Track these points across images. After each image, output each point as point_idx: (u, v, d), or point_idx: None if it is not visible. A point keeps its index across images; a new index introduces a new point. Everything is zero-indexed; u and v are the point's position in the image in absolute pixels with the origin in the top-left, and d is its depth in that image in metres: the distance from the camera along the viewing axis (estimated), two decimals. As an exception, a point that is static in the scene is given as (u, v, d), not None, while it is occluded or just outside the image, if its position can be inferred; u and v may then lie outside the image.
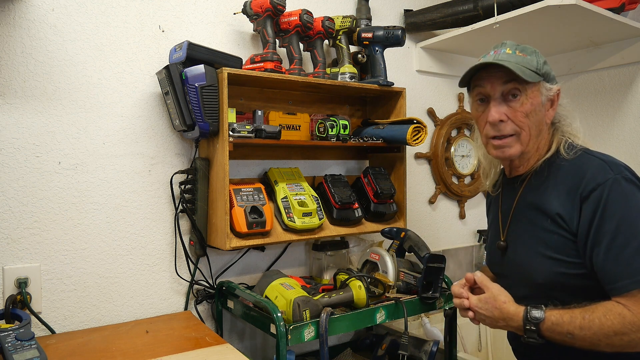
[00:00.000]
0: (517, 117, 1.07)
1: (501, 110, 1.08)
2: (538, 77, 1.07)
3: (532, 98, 1.07)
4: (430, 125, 2.21)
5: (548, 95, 1.10)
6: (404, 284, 1.46)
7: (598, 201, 0.98)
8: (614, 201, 0.97)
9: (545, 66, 1.10)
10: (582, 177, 1.02)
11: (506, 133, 1.09)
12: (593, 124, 2.22)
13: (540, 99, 1.08)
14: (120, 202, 1.42)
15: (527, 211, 1.13)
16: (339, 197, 1.60)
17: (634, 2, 1.80)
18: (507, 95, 1.08)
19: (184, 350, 1.17)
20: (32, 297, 1.28)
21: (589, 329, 0.95)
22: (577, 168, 1.05)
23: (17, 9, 1.27)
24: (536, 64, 1.08)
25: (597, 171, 1.01)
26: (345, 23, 1.68)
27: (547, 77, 1.09)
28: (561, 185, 1.06)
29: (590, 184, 1.00)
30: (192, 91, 1.35)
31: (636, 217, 0.96)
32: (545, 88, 1.09)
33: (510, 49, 1.10)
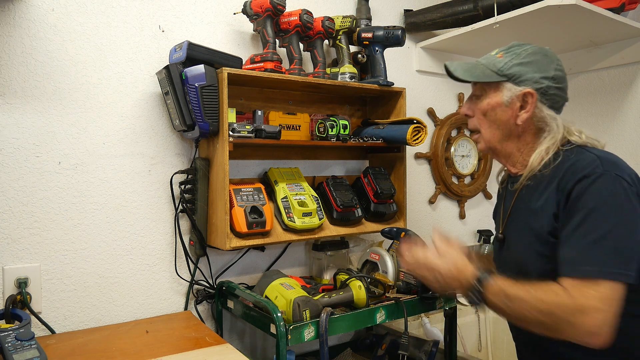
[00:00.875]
0: (476, 114, 1.17)
1: (468, 105, 1.19)
2: (494, 76, 1.11)
3: (490, 98, 1.13)
4: (430, 125, 2.21)
5: (511, 97, 1.10)
6: (404, 284, 1.46)
7: (578, 192, 0.98)
8: (592, 193, 0.97)
9: (518, 67, 1.09)
10: (572, 172, 1.02)
11: (470, 127, 1.20)
12: (593, 124, 2.22)
13: (501, 99, 1.11)
14: (120, 202, 1.42)
15: (524, 209, 1.14)
16: (340, 200, 1.60)
17: (634, 2, 1.80)
18: (474, 93, 1.18)
19: (184, 350, 1.17)
20: (32, 297, 1.28)
21: (527, 300, 0.95)
22: (570, 164, 1.04)
23: (17, 9, 1.27)
24: (502, 65, 1.11)
25: (587, 165, 1.00)
26: (345, 23, 1.68)
27: (513, 78, 1.09)
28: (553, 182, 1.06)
29: (577, 176, 1.00)
30: (192, 91, 1.35)
31: (606, 212, 0.95)
32: (508, 89, 1.10)
33: (499, 50, 1.16)
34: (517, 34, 1.90)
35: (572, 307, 0.90)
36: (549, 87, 1.09)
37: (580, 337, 0.90)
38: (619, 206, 0.95)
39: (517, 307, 0.96)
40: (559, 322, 0.92)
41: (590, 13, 1.67)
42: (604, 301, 0.90)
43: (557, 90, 1.10)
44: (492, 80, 1.11)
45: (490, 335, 2.27)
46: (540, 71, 1.09)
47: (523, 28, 1.83)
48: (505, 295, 0.98)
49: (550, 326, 0.93)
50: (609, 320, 0.89)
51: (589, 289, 0.91)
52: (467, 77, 1.14)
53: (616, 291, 0.91)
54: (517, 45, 1.14)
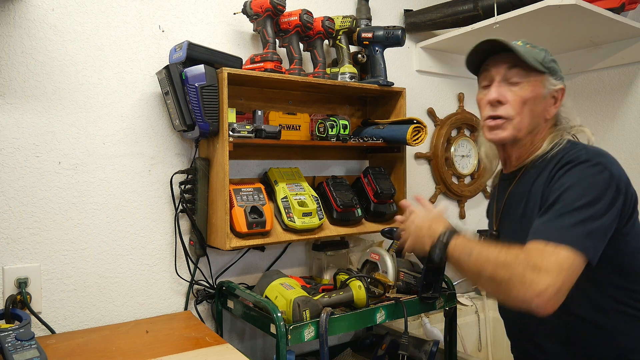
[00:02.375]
0: (515, 101, 1.08)
1: (501, 91, 1.10)
2: (543, 68, 1.09)
3: (534, 87, 1.08)
4: (430, 125, 2.21)
5: (551, 90, 1.10)
6: (404, 284, 1.46)
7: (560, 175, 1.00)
8: (571, 175, 0.98)
9: (553, 63, 1.11)
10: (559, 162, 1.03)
11: (501, 114, 1.10)
12: (593, 124, 2.22)
13: (542, 91, 1.09)
14: (120, 202, 1.42)
15: (517, 203, 1.15)
16: (340, 200, 1.60)
17: (634, 2, 1.80)
18: (510, 79, 1.10)
19: (184, 350, 1.17)
20: (32, 297, 1.28)
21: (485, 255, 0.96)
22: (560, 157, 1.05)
23: (17, 9, 1.27)
24: (543, 58, 1.10)
25: (572, 154, 1.02)
26: (345, 23, 1.68)
27: (552, 73, 1.11)
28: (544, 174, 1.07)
29: (560, 164, 1.02)
30: (192, 91, 1.35)
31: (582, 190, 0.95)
32: (550, 82, 1.10)
33: (522, 42, 1.13)
34: (517, 34, 1.89)
35: (527, 263, 0.89)
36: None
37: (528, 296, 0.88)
38: (595, 188, 0.95)
39: (474, 260, 0.97)
40: (510, 278, 0.90)
41: (590, 13, 1.67)
42: (560, 266, 0.88)
43: None
44: (541, 69, 1.09)
45: (490, 335, 2.27)
46: (561, 70, 1.14)
47: (523, 28, 1.83)
48: (467, 248, 1.00)
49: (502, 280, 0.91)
50: (559, 286, 0.87)
51: (548, 253, 0.90)
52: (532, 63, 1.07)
53: (574, 261, 0.89)
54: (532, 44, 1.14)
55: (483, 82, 1.16)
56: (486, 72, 1.14)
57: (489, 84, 1.14)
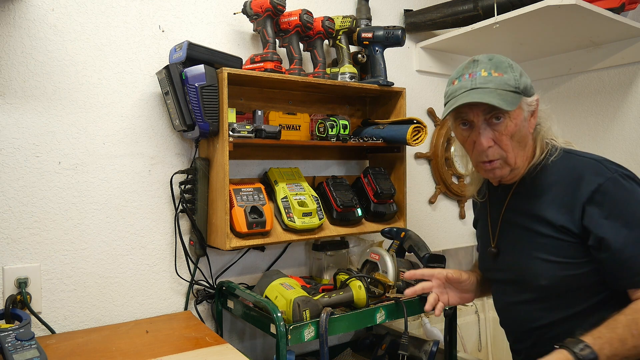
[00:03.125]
0: (503, 141, 1.06)
1: (487, 135, 1.06)
2: (518, 96, 1.03)
3: (516, 118, 1.05)
4: (430, 125, 2.21)
5: (529, 110, 1.08)
6: (404, 284, 1.46)
7: (602, 201, 0.99)
8: (619, 199, 0.98)
9: (523, 79, 1.05)
10: (579, 179, 1.02)
11: (495, 157, 1.08)
12: (593, 124, 2.22)
13: (523, 115, 1.06)
14: (120, 202, 1.42)
15: (519, 218, 1.13)
16: (340, 200, 1.60)
17: (634, 2, 1.80)
18: (490, 119, 1.06)
19: (184, 350, 1.17)
20: (32, 297, 1.28)
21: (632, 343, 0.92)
22: (569, 170, 1.04)
23: (17, 9, 1.27)
24: (514, 82, 1.04)
25: (594, 171, 1.01)
26: (345, 23, 1.68)
27: (526, 92, 1.06)
28: (555, 189, 1.05)
29: (591, 185, 1.00)
30: (192, 91, 1.35)
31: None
32: (526, 103, 1.07)
33: (485, 69, 1.06)
34: (517, 34, 1.90)
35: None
36: None
37: None
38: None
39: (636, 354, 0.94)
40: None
41: (590, 13, 1.67)
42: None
43: None
44: (519, 100, 1.04)
45: (490, 335, 2.27)
46: (527, 76, 1.08)
47: (523, 28, 1.83)
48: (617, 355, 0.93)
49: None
50: None
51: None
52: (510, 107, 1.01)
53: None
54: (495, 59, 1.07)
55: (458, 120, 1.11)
56: (462, 113, 1.08)
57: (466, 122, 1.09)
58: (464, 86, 1.06)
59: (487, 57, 1.08)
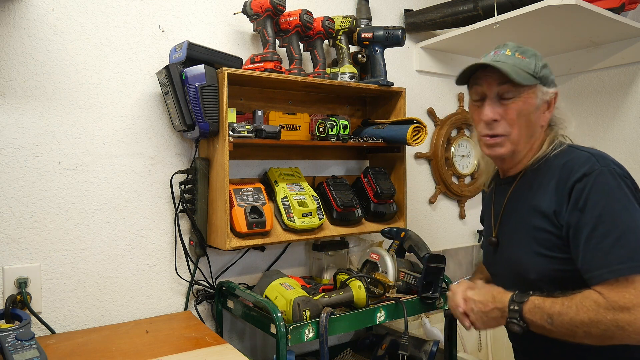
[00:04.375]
0: (509, 115, 1.09)
1: (495, 109, 1.10)
2: (534, 80, 1.08)
3: (526, 100, 1.08)
4: (430, 125, 2.21)
5: (544, 99, 1.10)
6: (404, 284, 1.46)
7: (581, 191, 0.99)
8: (597, 191, 0.97)
9: (544, 70, 1.10)
10: (569, 170, 1.03)
11: (498, 132, 1.11)
12: (593, 124, 2.22)
13: (535, 102, 1.09)
14: (120, 202, 1.42)
15: (517, 209, 1.14)
16: (340, 200, 1.60)
17: (634, 2, 1.80)
18: (502, 95, 1.09)
19: (184, 350, 1.17)
20: (32, 297, 1.28)
21: (566, 314, 0.95)
22: (564, 163, 1.05)
23: (17, 9, 1.27)
24: (534, 67, 1.08)
25: (584, 163, 1.01)
26: (345, 23, 1.68)
27: (544, 81, 1.09)
28: (550, 181, 1.06)
29: (576, 175, 1.00)
30: (192, 91, 1.35)
31: (618, 209, 0.96)
32: (542, 91, 1.09)
33: (511, 50, 1.11)
34: (517, 34, 1.90)
35: (614, 310, 0.90)
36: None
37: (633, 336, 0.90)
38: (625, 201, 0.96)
39: (559, 324, 0.96)
40: (606, 330, 0.91)
41: (590, 13, 1.67)
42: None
43: None
44: (532, 83, 1.07)
45: (490, 335, 2.27)
46: (552, 72, 1.12)
47: (523, 28, 1.83)
48: (545, 314, 0.98)
49: (599, 335, 0.93)
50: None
51: (625, 288, 0.91)
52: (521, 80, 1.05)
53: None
54: (523, 47, 1.12)
55: (474, 96, 1.16)
56: (477, 86, 1.13)
57: (480, 98, 1.13)
58: (486, 59, 1.12)
59: (516, 44, 1.13)
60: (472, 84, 1.16)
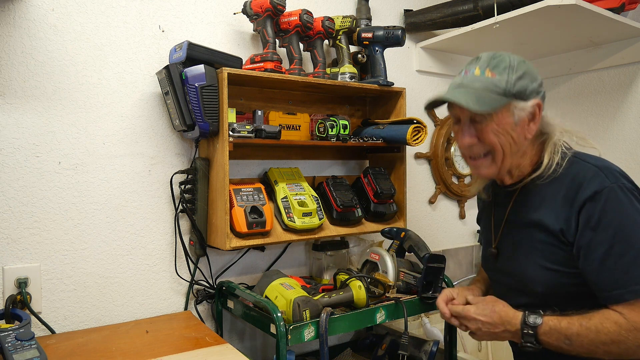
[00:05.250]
0: (486, 136, 1.06)
1: (471, 133, 1.07)
2: (504, 99, 1.02)
3: (500, 120, 1.04)
4: (430, 125, 2.21)
5: (521, 115, 1.04)
6: (404, 284, 1.46)
7: (594, 210, 0.98)
8: (610, 210, 0.96)
9: (520, 82, 1.03)
10: (578, 186, 1.01)
11: (478, 154, 1.09)
12: (593, 124, 2.22)
13: (511, 120, 1.04)
14: (120, 202, 1.42)
15: (521, 222, 1.12)
16: (340, 200, 1.60)
17: (634, 2, 1.80)
18: (474, 118, 1.06)
19: (184, 350, 1.17)
20: (32, 297, 1.28)
21: (586, 336, 0.95)
22: (571, 177, 1.03)
23: (17, 9, 1.27)
24: (505, 85, 1.02)
25: (593, 179, 0.99)
26: (345, 23, 1.68)
27: (520, 95, 1.03)
28: (557, 196, 1.05)
29: (586, 192, 0.99)
30: (192, 91, 1.35)
31: (632, 227, 0.96)
32: (517, 108, 1.04)
33: (481, 67, 1.06)
34: (517, 34, 1.90)
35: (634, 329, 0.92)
36: (544, 92, 1.08)
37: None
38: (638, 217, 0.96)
39: (578, 345, 0.96)
40: (627, 349, 0.93)
41: (590, 13, 1.67)
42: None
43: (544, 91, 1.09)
44: (503, 103, 1.03)
45: (490, 335, 2.27)
46: (534, 80, 1.06)
47: (523, 28, 1.83)
48: (562, 335, 0.98)
49: (620, 353, 0.94)
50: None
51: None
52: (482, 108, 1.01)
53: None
54: (498, 58, 1.06)
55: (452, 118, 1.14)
56: (451, 109, 1.11)
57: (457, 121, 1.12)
58: (455, 82, 1.09)
59: (490, 55, 1.07)
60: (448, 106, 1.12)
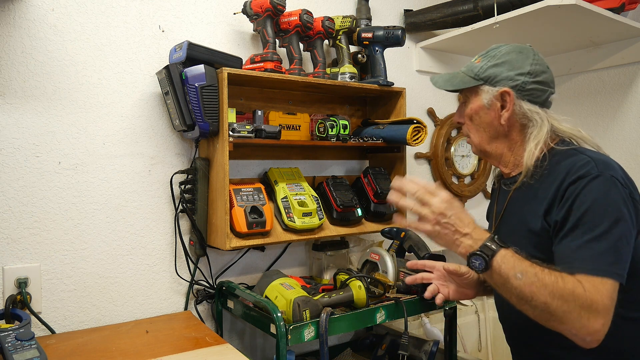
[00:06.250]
0: (465, 119, 1.20)
1: (458, 113, 1.24)
2: (473, 81, 1.14)
3: (472, 102, 1.16)
4: (430, 125, 2.21)
5: (489, 99, 1.12)
6: (404, 284, 1.46)
7: (572, 192, 0.98)
8: (586, 193, 0.96)
9: (493, 69, 1.11)
10: (566, 174, 1.01)
11: (464, 134, 1.25)
12: (593, 124, 2.22)
13: (481, 102, 1.14)
14: (120, 202, 1.42)
15: (516, 212, 1.14)
16: (340, 200, 1.60)
17: (634, 2, 1.81)
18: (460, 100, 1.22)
19: (184, 350, 1.17)
20: (32, 297, 1.28)
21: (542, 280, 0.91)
22: (565, 167, 1.03)
23: (17, 9, 1.27)
24: (478, 70, 1.13)
25: (581, 167, 1.00)
26: (345, 23, 1.68)
27: (489, 80, 1.12)
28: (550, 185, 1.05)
29: (571, 177, 0.99)
30: (192, 91, 1.35)
31: (604, 211, 0.94)
32: (484, 91, 1.13)
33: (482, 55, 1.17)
34: (517, 34, 1.90)
35: (586, 300, 0.88)
36: (526, 83, 1.09)
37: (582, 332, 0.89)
38: (615, 207, 0.94)
39: (527, 282, 0.92)
40: (567, 311, 0.89)
41: (590, 13, 1.67)
42: (612, 301, 0.89)
43: (535, 84, 1.09)
44: (470, 85, 1.14)
45: (490, 335, 2.27)
46: (514, 69, 1.10)
47: (523, 28, 1.83)
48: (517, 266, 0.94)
49: (556, 312, 0.90)
50: (609, 322, 0.89)
51: (599, 286, 0.89)
52: (447, 87, 1.19)
53: (616, 292, 0.91)
54: (494, 48, 1.15)
55: None
56: None
57: None
58: None
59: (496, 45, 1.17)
60: None
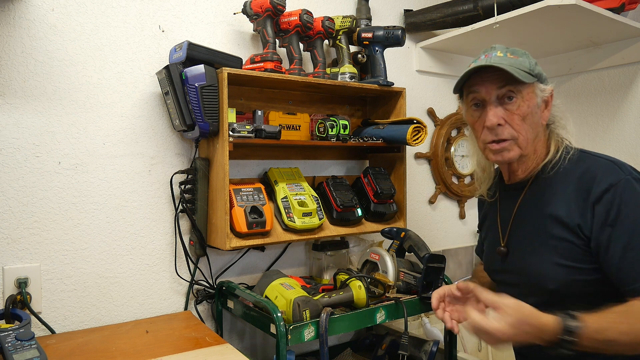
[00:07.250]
0: (514, 120, 1.05)
1: (498, 113, 1.06)
2: (532, 77, 1.05)
3: (528, 100, 1.05)
4: (430, 125, 2.21)
5: (543, 96, 1.08)
6: (404, 284, 1.46)
7: (611, 202, 0.97)
8: (627, 202, 0.96)
9: (537, 67, 1.08)
10: (592, 179, 1.00)
11: (504, 137, 1.06)
12: (593, 124, 2.22)
13: (536, 100, 1.07)
14: (120, 202, 1.42)
15: (531, 218, 1.11)
16: (340, 200, 1.60)
17: (634, 2, 1.80)
18: (502, 98, 1.06)
19: (184, 350, 1.17)
20: (32, 297, 1.28)
21: (629, 333, 0.90)
22: (584, 170, 1.03)
23: (17, 9, 1.27)
24: (529, 65, 1.06)
25: (607, 172, 1.00)
26: (345, 23, 1.68)
27: (540, 78, 1.08)
28: (570, 190, 1.04)
29: (602, 185, 0.99)
30: (192, 91, 1.35)
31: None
32: (540, 89, 1.07)
33: (501, 51, 1.07)
34: (517, 34, 1.90)
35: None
36: None
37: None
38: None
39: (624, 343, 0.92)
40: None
41: (590, 13, 1.67)
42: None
43: None
44: (531, 81, 1.05)
45: (490, 335, 2.27)
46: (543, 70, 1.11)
47: (523, 28, 1.83)
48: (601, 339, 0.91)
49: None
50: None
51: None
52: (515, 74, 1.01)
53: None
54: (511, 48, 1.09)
55: (472, 101, 1.11)
56: (473, 93, 1.09)
57: (479, 102, 1.09)
58: (479, 62, 1.07)
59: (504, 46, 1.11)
60: (467, 92, 1.12)
